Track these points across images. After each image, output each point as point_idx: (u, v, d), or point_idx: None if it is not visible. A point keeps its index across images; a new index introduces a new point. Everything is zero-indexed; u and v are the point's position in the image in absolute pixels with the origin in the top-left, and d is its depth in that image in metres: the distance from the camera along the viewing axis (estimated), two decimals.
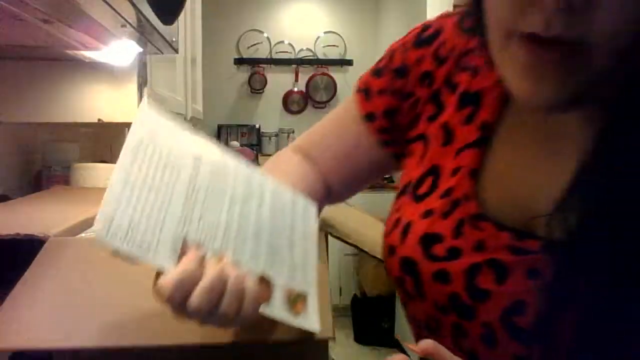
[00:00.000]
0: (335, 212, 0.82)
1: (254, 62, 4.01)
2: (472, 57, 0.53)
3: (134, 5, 0.81)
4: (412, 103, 0.58)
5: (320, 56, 3.99)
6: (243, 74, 4.03)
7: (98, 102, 1.24)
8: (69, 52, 1.10)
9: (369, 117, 0.62)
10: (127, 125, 0.47)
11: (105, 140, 1.90)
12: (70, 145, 1.38)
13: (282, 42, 4.02)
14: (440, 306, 0.50)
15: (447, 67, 0.56)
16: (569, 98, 0.39)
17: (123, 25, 0.90)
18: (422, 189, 0.54)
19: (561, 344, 0.41)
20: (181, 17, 1.36)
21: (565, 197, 0.41)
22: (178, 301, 0.40)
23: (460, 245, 0.48)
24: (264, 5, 3.99)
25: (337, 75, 3.91)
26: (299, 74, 4.01)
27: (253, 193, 0.52)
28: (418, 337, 0.56)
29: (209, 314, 0.41)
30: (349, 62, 3.91)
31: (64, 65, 1.21)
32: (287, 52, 4.04)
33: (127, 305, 0.53)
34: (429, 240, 0.50)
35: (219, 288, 0.41)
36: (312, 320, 0.48)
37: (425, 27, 0.59)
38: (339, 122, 0.66)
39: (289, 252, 0.51)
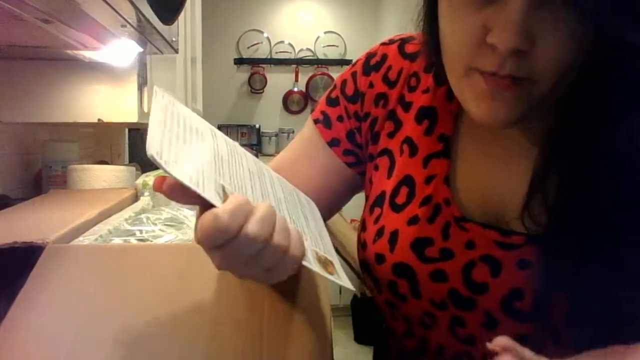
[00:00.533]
0: None
1: (254, 62, 4.01)
2: (420, 78, 0.62)
3: (134, 5, 0.81)
4: (370, 122, 0.65)
5: (320, 56, 3.99)
6: (243, 74, 4.04)
7: (98, 102, 1.23)
8: (69, 52, 1.10)
9: (334, 142, 0.67)
10: (127, 125, 0.47)
11: (105, 140, 1.90)
12: (70, 145, 1.38)
13: (282, 42, 4.02)
14: (438, 302, 0.55)
15: (399, 89, 0.63)
16: (519, 118, 0.46)
17: (123, 25, 0.90)
18: (400, 199, 0.59)
19: (558, 319, 0.47)
20: (181, 17, 1.36)
21: (527, 197, 0.50)
22: (234, 230, 0.38)
23: (450, 246, 0.54)
24: (264, 5, 3.99)
25: (337, 75, 3.91)
26: (299, 74, 4.01)
27: (262, 171, 0.54)
28: (409, 334, 0.61)
29: (264, 244, 0.40)
30: (349, 62, 3.91)
31: (64, 65, 1.21)
32: (287, 52, 4.04)
33: (129, 324, 0.53)
34: (420, 244, 0.56)
35: (273, 219, 0.40)
36: (345, 280, 0.48)
37: (370, 55, 0.67)
38: (305, 152, 0.70)
39: (306, 223, 0.52)
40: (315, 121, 0.69)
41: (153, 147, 0.38)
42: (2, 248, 0.64)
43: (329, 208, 0.70)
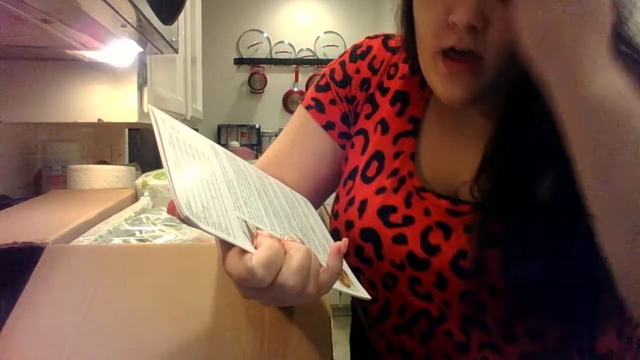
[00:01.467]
0: None
1: (254, 62, 4.01)
2: (398, 68, 0.70)
3: (134, 5, 0.81)
4: (355, 105, 0.71)
5: (320, 56, 4.00)
6: (243, 74, 4.04)
7: (98, 102, 1.23)
8: (69, 52, 1.10)
9: (329, 125, 0.72)
10: (127, 125, 0.47)
11: (105, 140, 1.90)
12: (70, 145, 1.38)
13: (282, 42, 4.02)
14: (398, 264, 0.61)
15: (379, 76, 0.70)
16: (476, 94, 0.55)
17: (123, 25, 0.90)
18: (370, 172, 0.66)
19: (494, 276, 0.54)
20: (181, 17, 1.36)
21: (479, 171, 0.58)
22: (268, 281, 0.40)
23: (411, 213, 0.62)
24: (264, 5, 3.99)
25: None
26: (299, 74, 4.01)
27: (265, 184, 0.55)
28: (373, 300, 0.66)
29: (300, 292, 0.41)
30: None
31: (64, 65, 1.21)
32: (287, 52, 4.04)
33: (129, 324, 0.53)
34: (385, 211, 0.63)
35: (307, 268, 0.42)
36: (361, 290, 0.51)
37: (357, 46, 0.74)
38: (299, 140, 0.73)
39: (314, 234, 0.54)
40: (308, 107, 0.73)
41: (185, 206, 0.38)
42: (2, 248, 0.64)
43: (322, 196, 0.74)
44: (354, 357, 0.78)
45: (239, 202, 0.45)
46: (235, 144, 3.83)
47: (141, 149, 2.40)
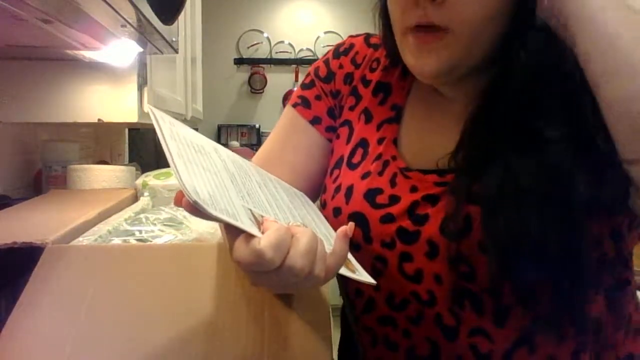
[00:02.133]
0: None
1: (254, 62, 4.01)
2: (380, 62, 0.73)
3: (134, 5, 0.81)
4: (340, 99, 0.74)
5: (320, 56, 3.99)
6: (243, 74, 4.04)
7: (98, 102, 1.23)
8: (69, 52, 1.10)
9: (315, 120, 0.74)
10: (127, 125, 0.47)
11: (105, 140, 1.90)
12: (70, 145, 1.38)
13: (282, 42, 4.03)
14: (388, 242, 0.63)
15: (362, 70, 0.74)
16: (446, 68, 0.57)
17: (123, 25, 0.90)
18: (356, 158, 0.69)
19: (478, 233, 0.57)
20: (181, 17, 1.36)
21: (458, 144, 0.61)
22: (277, 263, 0.40)
23: (397, 192, 0.64)
24: (264, 5, 3.99)
25: None
26: (299, 74, 4.01)
27: (264, 177, 0.56)
28: (359, 293, 0.67)
29: (307, 274, 0.42)
30: None
31: (64, 65, 1.21)
32: (287, 52, 4.04)
33: (129, 324, 0.52)
34: (371, 194, 0.64)
35: (315, 249, 0.43)
36: (365, 275, 0.51)
37: (340, 45, 0.77)
38: (289, 139, 0.75)
39: (315, 225, 0.55)
40: (294, 105, 0.75)
41: (193, 192, 0.38)
42: (2, 248, 0.64)
43: (316, 192, 0.75)
44: (341, 353, 0.78)
45: (242, 193, 0.45)
46: (235, 144, 3.83)
47: (141, 149, 2.40)
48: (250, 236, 0.40)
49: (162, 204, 1.10)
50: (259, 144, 3.96)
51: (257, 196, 0.47)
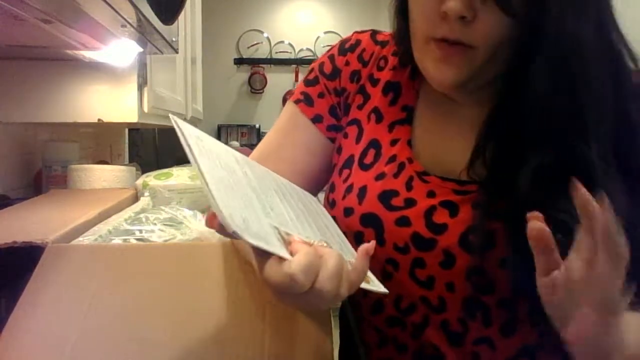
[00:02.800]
0: None
1: (254, 62, 4.01)
2: (388, 60, 0.72)
3: (134, 5, 0.81)
4: (346, 97, 0.72)
5: (320, 56, 3.99)
6: (243, 74, 4.04)
7: (98, 102, 1.23)
8: (69, 52, 1.10)
9: (317, 118, 0.72)
10: (127, 125, 0.46)
11: (105, 140, 1.90)
12: (70, 145, 1.38)
13: (282, 42, 4.03)
14: (401, 246, 0.62)
15: (369, 68, 0.72)
16: (466, 79, 0.58)
17: (123, 25, 0.90)
18: (368, 159, 0.68)
19: (501, 248, 0.56)
20: (181, 17, 1.36)
21: (473, 158, 0.61)
22: (308, 286, 0.41)
23: (413, 196, 0.63)
24: (264, 5, 3.99)
25: None
26: (299, 74, 4.01)
27: (278, 183, 0.55)
28: (366, 293, 0.64)
29: (334, 296, 0.43)
30: None
31: (64, 65, 1.21)
32: (287, 52, 4.04)
33: (129, 324, 0.52)
34: (386, 196, 0.64)
35: (341, 272, 0.43)
36: (379, 286, 0.51)
37: (345, 40, 0.75)
38: (289, 135, 0.74)
39: (331, 234, 0.55)
40: (296, 102, 0.73)
41: (230, 219, 0.38)
42: (2, 248, 0.64)
43: (314, 189, 0.74)
44: (341, 353, 0.78)
45: (266, 209, 0.45)
46: (235, 144, 3.83)
47: (141, 149, 2.40)
48: (280, 258, 0.40)
49: (162, 204, 1.10)
50: (259, 143, 3.97)
51: (279, 210, 0.48)
